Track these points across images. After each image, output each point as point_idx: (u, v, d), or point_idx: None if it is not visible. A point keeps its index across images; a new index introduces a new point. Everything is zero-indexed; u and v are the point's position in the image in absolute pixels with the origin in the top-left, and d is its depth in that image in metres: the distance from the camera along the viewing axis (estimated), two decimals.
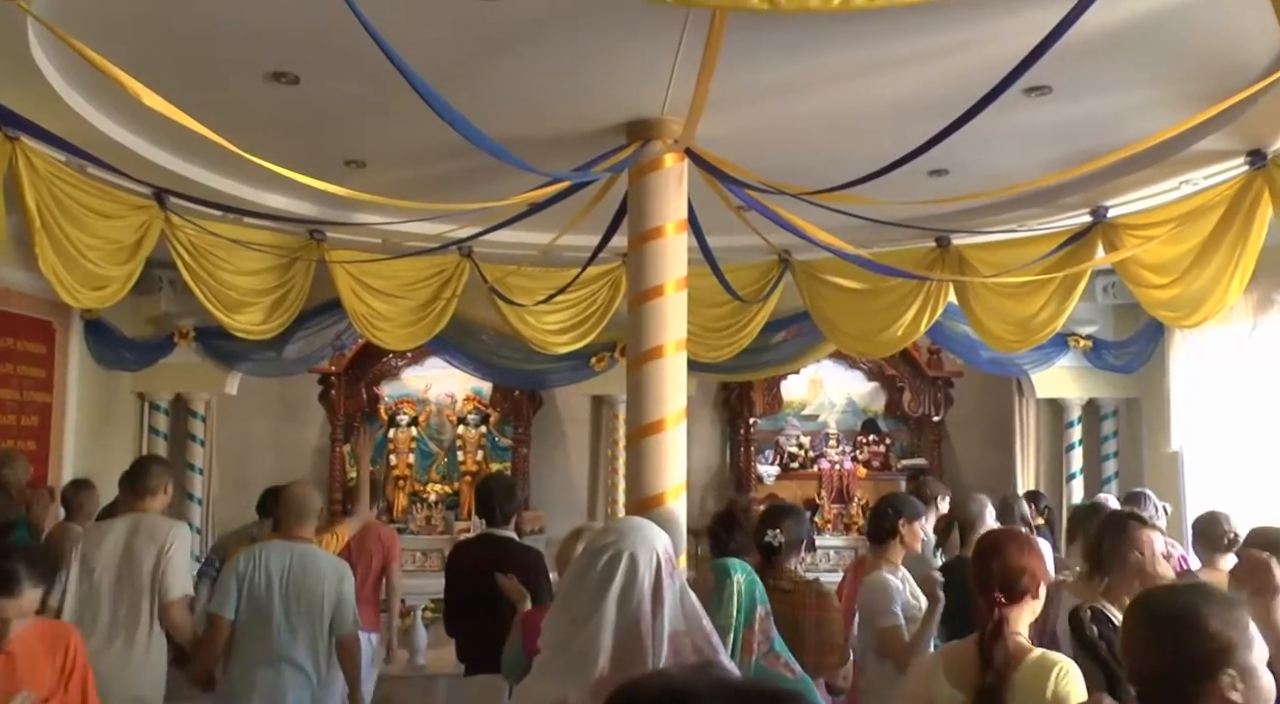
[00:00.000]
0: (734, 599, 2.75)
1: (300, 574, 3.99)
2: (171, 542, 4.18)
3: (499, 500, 4.39)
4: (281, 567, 4.00)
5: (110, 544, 4.18)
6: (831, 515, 9.26)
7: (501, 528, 4.36)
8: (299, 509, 4.18)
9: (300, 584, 3.98)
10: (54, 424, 7.20)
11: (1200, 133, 4.66)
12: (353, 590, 4.14)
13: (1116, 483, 8.19)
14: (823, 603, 3.48)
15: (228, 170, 5.70)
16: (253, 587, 3.96)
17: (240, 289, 6.51)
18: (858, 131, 4.98)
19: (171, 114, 3.00)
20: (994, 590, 2.49)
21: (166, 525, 4.28)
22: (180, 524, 4.38)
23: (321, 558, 4.13)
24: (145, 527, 4.23)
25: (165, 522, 4.32)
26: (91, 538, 4.30)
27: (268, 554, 4.05)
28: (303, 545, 4.11)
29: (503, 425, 9.50)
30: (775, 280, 7.30)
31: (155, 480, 4.39)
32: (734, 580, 2.80)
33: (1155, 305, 5.84)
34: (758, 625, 2.77)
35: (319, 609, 3.97)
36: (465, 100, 3.73)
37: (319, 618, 3.97)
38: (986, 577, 2.54)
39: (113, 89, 3.32)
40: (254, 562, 4.03)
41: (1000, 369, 8.14)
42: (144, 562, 4.13)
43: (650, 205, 4.89)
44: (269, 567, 4.00)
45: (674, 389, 4.82)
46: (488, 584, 4.01)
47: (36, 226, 4.74)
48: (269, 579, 3.97)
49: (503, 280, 7.21)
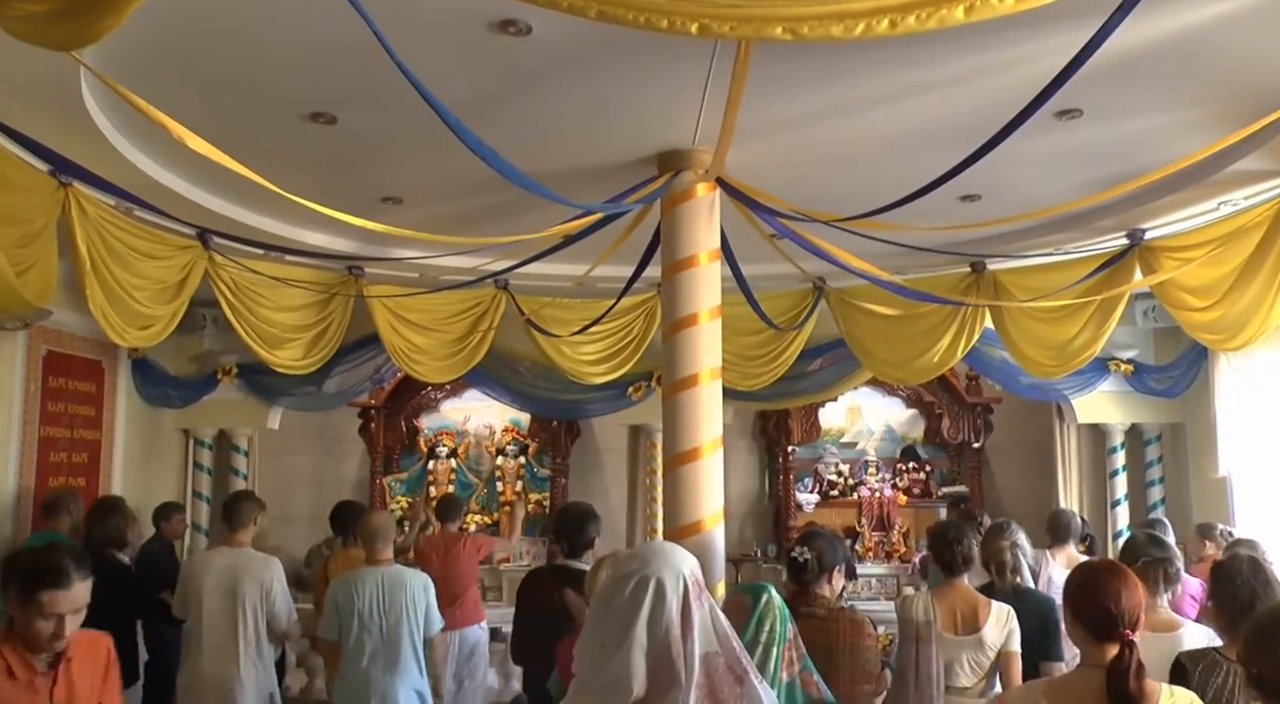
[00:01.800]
0: (771, 614, 2.73)
1: (392, 592, 4.62)
2: (271, 580, 4.84)
3: (568, 533, 4.43)
4: (374, 589, 4.62)
5: (213, 575, 4.79)
6: (872, 543, 9.17)
7: (572, 560, 4.36)
8: (377, 535, 4.76)
9: (393, 602, 4.61)
10: (103, 460, 7.36)
11: (1237, 153, 4.62)
12: (435, 598, 4.76)
13: (1162, 509, 8.03)
14: (856, 630, 3.40)
15: (268, 210, 5.83)
16: (350, 610, 4.59)
17: (281, 325, 6.63)
18: (888, 158, 4.99)
19: (215, 156, 3.08)
20: (1125, 630, 2.36)
21: (264, 566, 4.87)
22: (273, 562, 4.93)
23: (406, 575, 4.75)
24: (245, 564, 4.83)
25: (261, 561, 4.90)
26: (196, 566, 4.93)
27: (361, 580, 4.67)
28: (389, 567, 4.74)
29: (541, 456, 9.54)
30: (810, 308, 7.30)
31: (246, 515, 4.97)
32: (770, 596, 2.78)
33: (1197, 328, 5.75)
34: (791, 643, 2.75)
35: (413, 618, 4.62)
36: (497, 135, 3.80)
37: (415, 625, 4.63)
38: (1109, 615, 2.40)
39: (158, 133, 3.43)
40: (348, 588, 4.65)
41: (1040, 394, 8.04)
42: (249, 599, 4.76)
43: (683, 235, 4.93)
44: (364, 590, 4.61)
45: (710, 417, 4.83)
46: (557, 616, 3.98)
47: (86, 269, 4.88)
48: (366, 602, 4.58)
49: (539, 312, 7.27)
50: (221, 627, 4.74)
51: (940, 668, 3.86)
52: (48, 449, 6.69)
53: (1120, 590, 2.43)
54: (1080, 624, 2.48)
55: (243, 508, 5.01)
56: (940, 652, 3.89)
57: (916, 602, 4.03)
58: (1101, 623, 2.41)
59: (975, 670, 3.89)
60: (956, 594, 4.03)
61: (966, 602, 4.00)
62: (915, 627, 3.95)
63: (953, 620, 3.94)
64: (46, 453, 6.67)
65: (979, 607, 3.97)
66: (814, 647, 3.07)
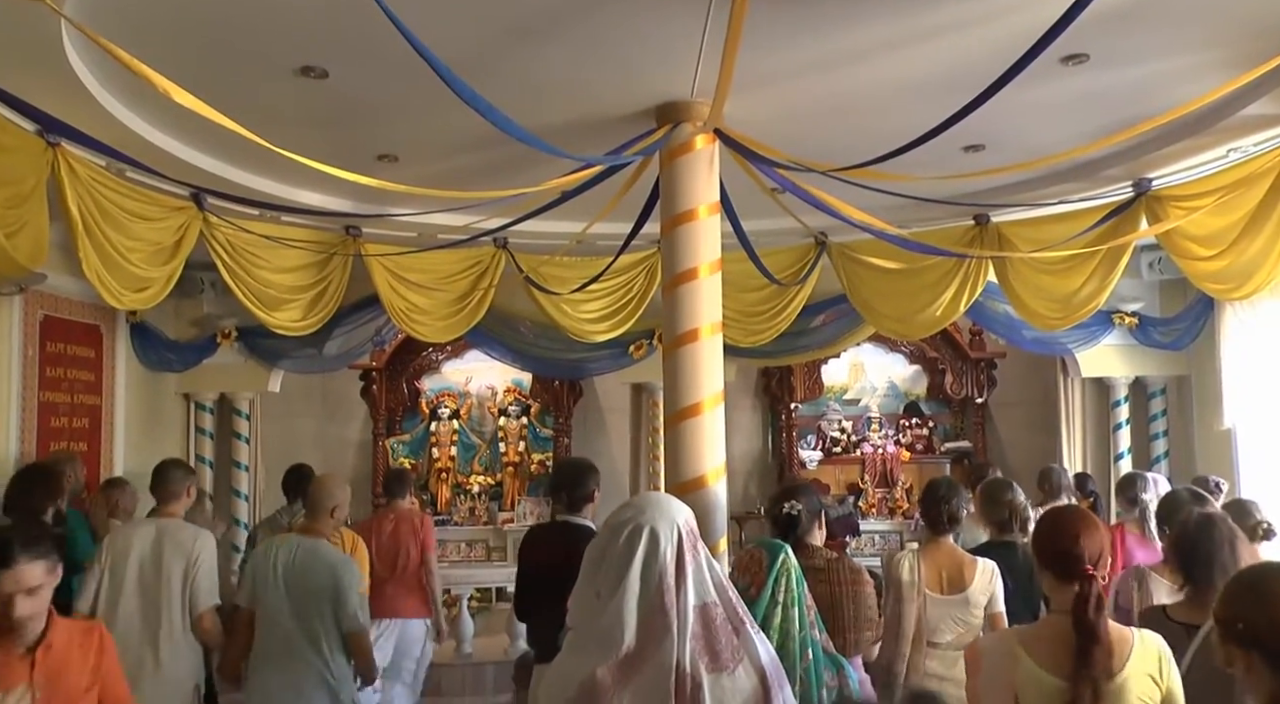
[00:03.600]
0: (787, 573, 2.72)
1: (302, 568, 3.97)
2: (199, 553, 4.19)
3: (565, 488, 4.32)
4: (286, 561, 3.99)
5: (136, 548, 4.18)
6: (876, 500, 9.20)
7: (572, 515, 4.27)
8: (314, 504, 4.19)
9: (302, 578, 3.96)
10: (104, 426, 7.34)
11: (1247, 97, 4.53)
12: (354, 585, 4.04)
13: (1166, 462, 8.02)
14: (857, 577, 3.42)
15: (262, 169, 5.76)
16: (261, 580, 3.99)
17: (279, 286, 6.58)
18: (890, 108, 4.91)
19: (202, 110, 3.02)
20: (1085, 566, 2.38)
21: (192, 537, 4.25)
22: (205, 534, 4.33)
23: (323, 553, 4.06)
24: (171, 535, 4.22)
25: (190, 532, 4.29)
26: (117, 540, 4.26)
27: (276, 549, 4.05)
28: (310, 540, 4.08)
29: (543, 416, 9.55)
30: (812, 263, 7.24)
31: (177, 485, 4.39)
32: (787, 555, 2.77)
33: (1203, 278, 5.69)
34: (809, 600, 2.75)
35: (323, 603, 3.94)
36: (492, 89, 3.72)
37: (323, 612, 3.94)
38: (1073, 555, 2.41)
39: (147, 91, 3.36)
40: (265, 556, 4.05)
41: (1044, 348, 8.00)
42: (172, 571, 4.15)
43: (682, 188, 4.87)
44: (276, 561, 4.00)
45: (711, 372, 4.80)
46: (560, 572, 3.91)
47: (79, 231, 4.84)
48: (275, 574, 3.97)
49: (538, 270, 7.22)
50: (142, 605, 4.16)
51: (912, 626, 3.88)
52: (48, 414, 6.67)
53: (1079, 531, 2.45)
54: (1046, 568, 2.50)
55: (171, 477, 4.42)
56: (926, 610, 3.90)
57: (903, 561, 4.03)
58: (1064, 564, 2.43)
59: (960, 627, 3.89)
60: (943, 553, 4.03)
61: (953, 561, 4.00)
62: (899, 586, 3.96)
63: (938, 579, 3.94)
64: (47, 418, 6.65)
65: (965, 566, 3.96)
66: (817, 599, 3.06)
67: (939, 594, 3.91)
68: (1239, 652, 1.81)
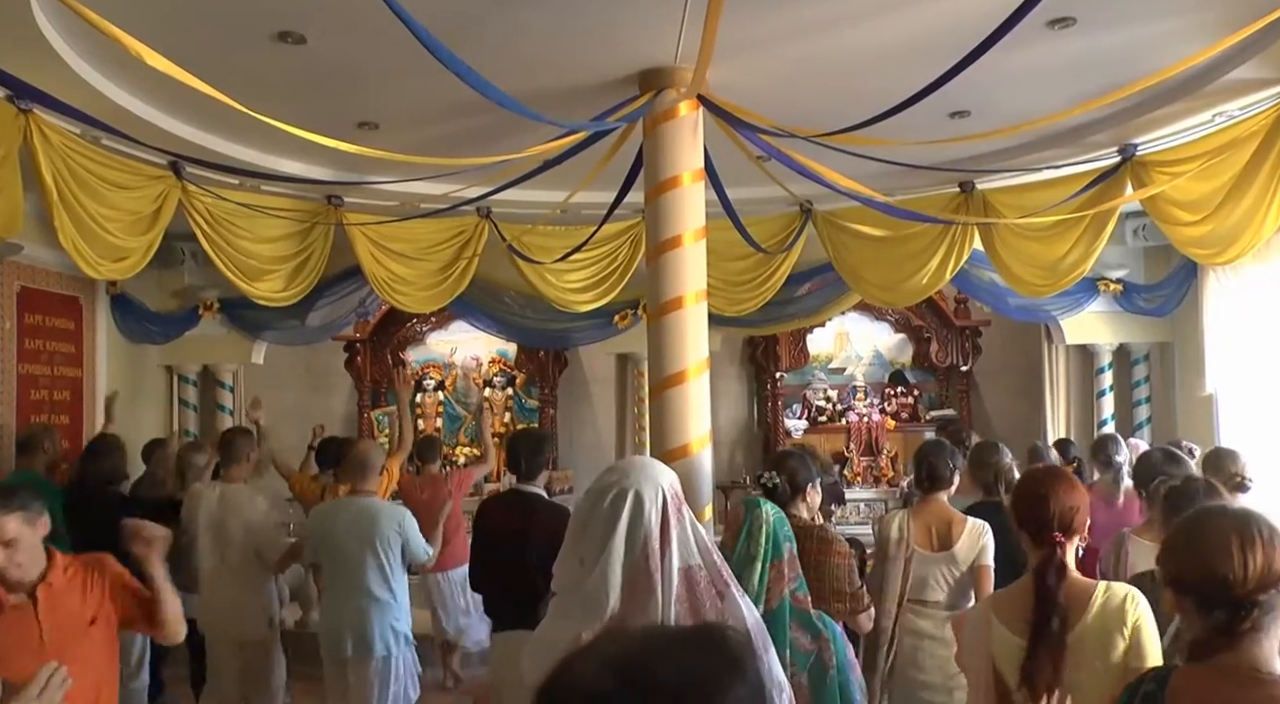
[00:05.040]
0: (762, 530, 2.72)
1: (369, 523, 4.59)
2: (256, 516, 4.95)
3: (525, 455, 4.33)
4: (347, 519, 4.62)
5: (204, 509, 4.96)
6: (861, 468, 9.23)
7: (528, 484, 4.31)
8: (362, 466, 4.73)
9: (370, 530, 4.57)
10: (85, 398, 7.28)
11: (1234, 60, 4.51)
12: (415, 527, 4.71)
13: (1148, 428, 8.07)
14: (823, 547, 3.39)
15: (241, 137, 5.68)
16: (326, 538, 4.63)
17: (260, 257, 6.52)
18: (875, 73, 4.86)
19: (176, 74, 2.96)
20: (1053, 530, 2.41)
21: (247, 500, 4.98)
22: (257, 496, 5.05)
23: (382, 508, 4.74)
24: (232, 498, 4.95)
25: (245, 496, 5.00)
26: (191, 501, 5.09)
27: (335, 511, 4.72)
28: (365, 499, 4.68)
29: (529, 387, 9.52)
30: (797, 231, 7.21)
31: (239, 451, 5.11)
32: (763, 511, 2.77)
33: (1186, 243, 5.70)
34: (786, 561, 2.74)
35: (391, 547, 4.60)
36: (473, 56, 3.65)
37: (389, 556, 4.59)
38: (1042, 517, 2.43)
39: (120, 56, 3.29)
40: (323, 518, 4.73)
41: (1029, 316, 8.01)
42: (236, 531, 4.90)
43: (666, 155, 4.82)
44: (337, 520, 4.63)
45: (695, 340, 4.78)
46: (514, 540, 3.99)
47: (54, 200, 4.76)
48: (342, 531, 4.59)
49: (521, 239, 7.17)
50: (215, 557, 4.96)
51: (899, 585, 3.91)
52: (27, 387, 6.61)
53: (1053, 492, 2.46)
54: (1022, 528, 2.51)
55: (235, 444, 5.15)
56: (914, 568, 3.94)
57: (893, 520, 4.08)
58: (1036, 525, 2.45)
59: (946, 585, 3.92)
60: (932, 511, 4.07)
61: (941, 518, 4.03)
62: (885, 544, 4.01)
63: (927, 537, 3.98)
64: (26, 390, 6.59)
65: (954, 523, 4.00)
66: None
67: (928, 551, 3.94)
68: (1171, 594, 1.85)
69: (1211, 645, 1.76)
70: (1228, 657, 1.75)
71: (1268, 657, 1.75)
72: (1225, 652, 1.75)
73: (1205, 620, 1.77)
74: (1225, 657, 1.75)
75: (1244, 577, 1.73)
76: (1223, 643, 1.74)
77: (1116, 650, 2.31)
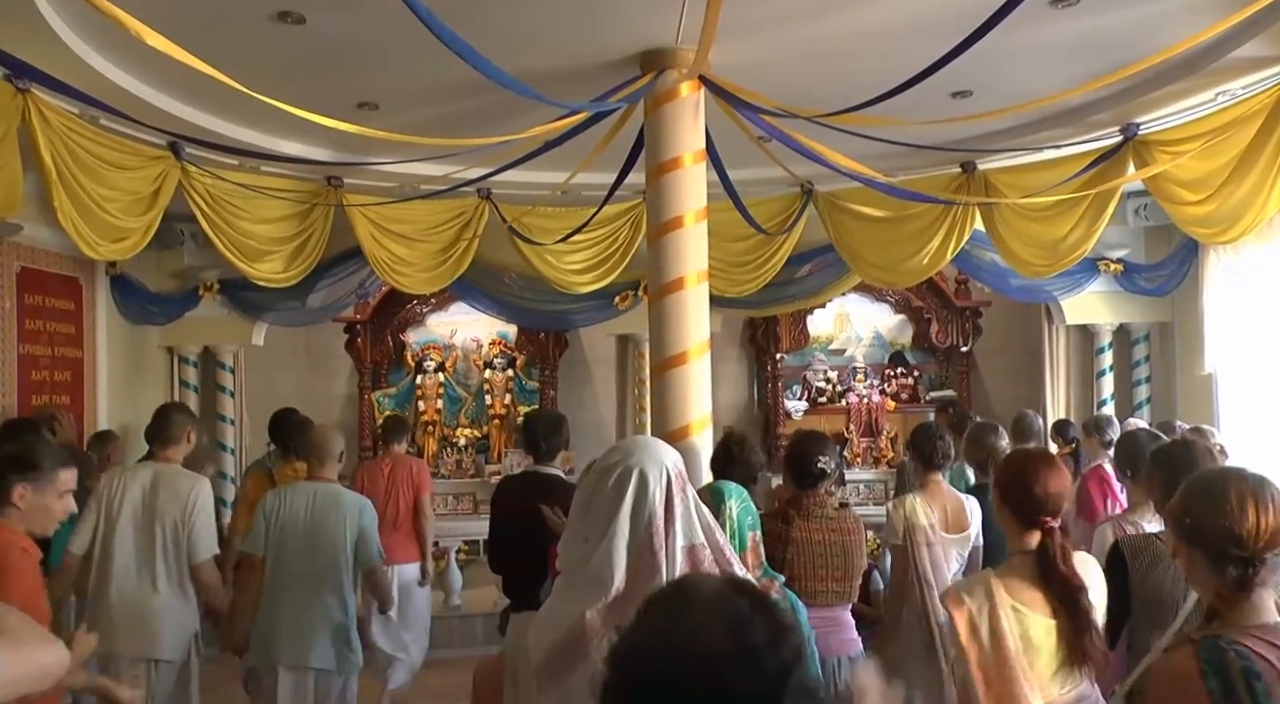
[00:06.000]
0: (728, 524, 2.73)
1: (321, 512, 4.10)
2: (195, 501, 4.19)
3: (543, 435, 4.29)
4: (305, 506, 4.11)
5: (133, 490, 4.18)
6: (861, 449, 9.25)
7: (547, 464, 4.28)
8: (320, 451, 4.27)
9: (325, 522, 4.08)
10: (86, 379, 7.29)
11: (1238, 38, 4.49)
12: (374, 525, 4.22)
13: (1148, 408, 8.09)
14: (859, 526, 3.56)
15: (241, 117, 5.65)
16: (277, 527, 4.09)
17: (260, 238, 6.51)
18: (877, 54, 4.83)
19: (177, 54, 2.94)
20: (1045, 516, 2.46)
21: (189, 484, 4.24)
22: (203, 481, 4.31)
23: (343, 496, 4.22)
24: (168, 480, 4.21)
25: (187, 479, 4.27)
26: (116, 480, 4.23)
27: (289, 495, 4.18)
28: (325, 485, 4.21)
29: (529, 368, 9.53)
30: (798, 212, 7.20)
31: (177, 429, 4.35)
32: (728, 506, 2.78)
33: (1189, 222, 5.69)
34: (751, 551, 2.76)
35: (345, 544, 4.09)
36: (473, 35, 3.62)
37: (342, 554, 4.09)
38: (1032, 499, 2.48)
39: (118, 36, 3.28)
40: (279, 501, 4.16)
41: (1029, 296, 8.01)
42: (167, 518, 4.14)
43: (667, 136, 4.81)
44: (293, 507, 4.11)
45: (696, 321, 4.78)
46: (531, 521, 3.99)
47: (53, 179, 4.75)
48: (295, 520, 4.09)
49: (521, 220, 7.16)
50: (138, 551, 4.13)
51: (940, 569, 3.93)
52: (28, 367, 6.61)
53: (1046, 476, 2.51)
54: (1007, 507, 2.55)
55: (172, 421, 4.38)
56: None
57: (915, 505, 4.02)
58: (1026, 508, 2.50)
59: (960, 563, 3.96)
60: (942, 494, 4.11)
61: (953, 500, 4.10)
62: (921, 531, 3.94)
63: (944, 518, 4.02)
64: (27, 371, 6.59)
65: (962, 503, 4.08)
66: (830, 546, 3.25)
67: (947, 533, 3.97)
68: (1183, 546, 1.93)
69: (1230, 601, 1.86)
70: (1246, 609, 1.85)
71: (1270, 607, 1.86)
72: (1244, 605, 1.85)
73: (1217, 575, 1.86)
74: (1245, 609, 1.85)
75: (1256, 536, 1.83)
76: (1242, 596, 1.84)
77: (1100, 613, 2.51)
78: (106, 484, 4.23)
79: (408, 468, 6.10)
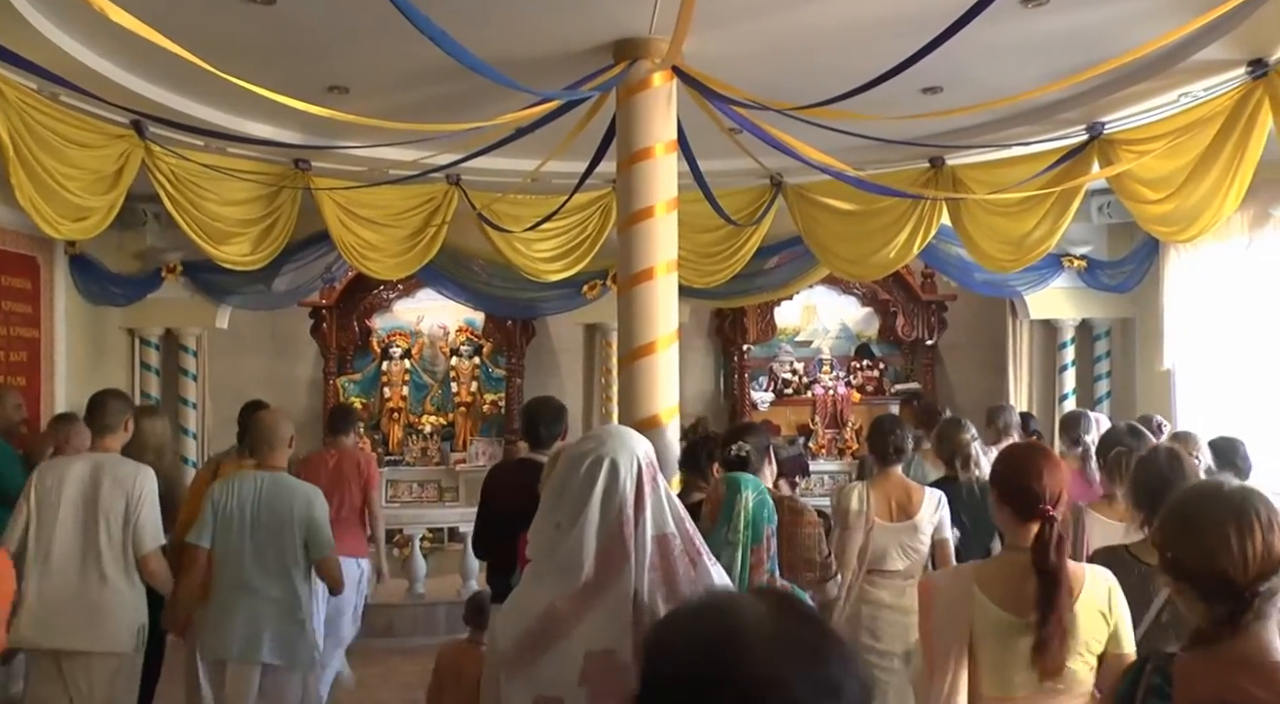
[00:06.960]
0: (741, 516, 2.74)
1: (270, 501, 3.93)
2: (140, 490, 4.03)
3: (544, 423, 4.24)
4: (253, 496, 3.94)
5: (71, 483, 4.00)
6: (826, 440, 9.33)
7: (542, 452, 4.17)
8: (269, 438, 4.07)
9: (270, 511, 3.92)
10: (44, 360, 7.16)
11: (1201, 41, 4.56)
12: (325, 515, 4.04)
13: (1109, 402, 8.23)
14: (795, 518, 3.44)
15: (207, 97, 5.57)
16: (225, 516, 3.92)
17: (226, 220, 6.42)
18: (850, 48, 4.85)
19: (140, 30, 2.90)
20: (1045, 505, 2.38)
21: (132, 473, 4.07)
22: (146, 470, 4.13)
23: (293, 485, 4.05)
24: (110, 470, 4.04)
25: (130, 468, 4.10)
26: (47, 475, 4.04)
27: (238, 485, 3.99)
28: (272, 473, 4.04)
29: (496, 356, 9.50)
30: (768, 204, 7.23)
31: (114, 418, 4.18)
32: (743, 496, 2.79)
33: (1150, 220, 5.78)
34: (765, 545, 2.77)
35: (296, 533, 3.93)
36: (446, 20, 3.59)
37: (290, 544, 3.93)
38: (1032, 493, 2.40)
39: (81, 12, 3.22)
40: (227, 491, 3.98)
41: (994, 291, 8.11)
42: (112, 509, 3.98)
43: (639, 126, 4.81)
44: (241, 496, 3.94)
45: (665, 311, 4.80)
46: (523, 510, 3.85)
47: (10, 156, 4.65)
48: (242, 509, 3.92)
49: (491, 207, 7.12)
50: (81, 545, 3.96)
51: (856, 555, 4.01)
52: None
53: (1043, 469, 2.45)
54: (1006, 504, 2.49)
55: (108, 409, 4.19)
56: (875, 538, 4.03)
57: (852, 492, 4.17)
58: (1025, 502, 2.42)
59: (908, 555, 4.03)
60: (891, 483, 4.18)
61: (901, 489, 4.16)
62: (846, 515, 4.09)
63: (887, 508, 4.09)
64: None
65: (912, 493, 4.12)
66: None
67: (888, 522, 4.03)
68: (1169, 580, 1.81)
69: (1216, 634, 1.72)
70: (1235, 645, 1.70)
71: (1270, 641, 1.71)
72: (1230, 640, 1.70)
73: (1207, 610, 1.73)
74: (1232, 645, 1.70)
75: (1244, 568, 1.68)
76: (1227, 631, 1.70)
77: (1103, 635, 2.34)
78: (39, 478, 4.04)
79: (354, 462, 5.72)
